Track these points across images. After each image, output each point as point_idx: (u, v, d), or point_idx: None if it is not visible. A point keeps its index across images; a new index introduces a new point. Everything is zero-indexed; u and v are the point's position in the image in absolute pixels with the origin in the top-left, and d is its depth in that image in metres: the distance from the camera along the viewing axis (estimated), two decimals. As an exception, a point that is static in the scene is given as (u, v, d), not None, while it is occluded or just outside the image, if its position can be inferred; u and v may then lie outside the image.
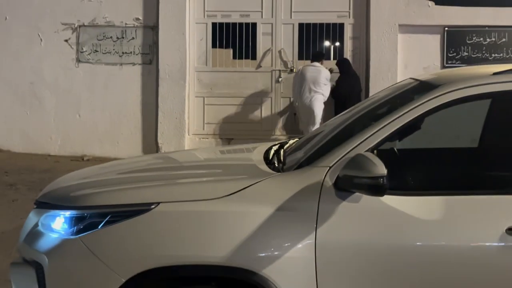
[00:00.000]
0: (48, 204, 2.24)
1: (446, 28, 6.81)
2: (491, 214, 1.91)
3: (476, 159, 2.77)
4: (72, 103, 6.99)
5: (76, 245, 2.00)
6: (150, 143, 6.95)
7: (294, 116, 6.63)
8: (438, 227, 1.89)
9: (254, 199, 1.95)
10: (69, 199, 2.15)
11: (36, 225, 2.23)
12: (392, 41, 6.78)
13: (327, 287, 1.91)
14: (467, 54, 6.88)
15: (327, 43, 7.43)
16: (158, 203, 1.93)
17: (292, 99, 6.85)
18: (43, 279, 2.05)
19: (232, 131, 7.07)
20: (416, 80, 2.48)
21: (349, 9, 6.98)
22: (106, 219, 1.99)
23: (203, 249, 1.89)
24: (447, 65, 6.82)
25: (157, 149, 6.85)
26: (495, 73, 2.07)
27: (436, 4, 6.83)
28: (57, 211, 2.13)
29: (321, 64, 6.64)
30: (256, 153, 2.51)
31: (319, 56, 6.82)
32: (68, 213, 2.09)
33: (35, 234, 2.21)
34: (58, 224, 2.12)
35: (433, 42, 6.87)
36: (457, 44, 6.86)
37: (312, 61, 6.69)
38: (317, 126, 6.43)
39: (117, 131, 7.02)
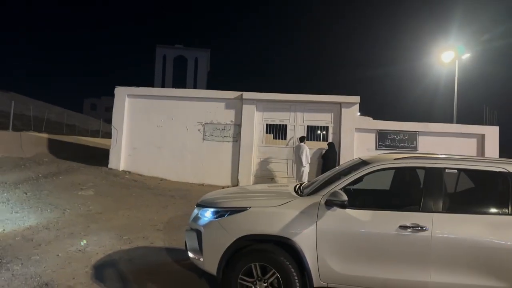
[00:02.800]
0: (203, 205, 3.55)
1: (378, 130, 10.72)
2: (391, 219, 3.00)
3: (387, 195, 4.02)
4: (199, 158, 11.21)
5: (216, 224, 3.26)
6: (234, 179, 10.99)
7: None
8: (369, 224, 2.99)
9: (291, 207, 3.13)
10: (213, 203, 3.50)
11: (197, 214, 3.52)
12: (352, 135, 10.75)
13: (321, 248, 2.99)
14: (388, 143, 10.79)
15: (320, 134, 11.42)
16: (250, 207, 3.19)
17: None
18: (201, 238, 3.26)
19: (274, 175, 11.09)
20: (360, 159, 3.79)
21: (331, 119, 11.10)
22: (228, 213, 3.25)
23: (269, 228, 3.06)
24: (378, 148, 10.68)
25: (237, 182, 10.73)
26: (395, 158, 3.30)
27: (373, 118, 11.04)
28: (207, 209, 3.45)
29: (304, 143, 9.67)
30: (290, 187, 3.90)
31: (302, 138, 9.87)
32: (212, 209, 3.39)
33: (197, 218, 3.48)
34: (208, 214, 3.39)
35: (371, 137, 10.81)
36: (383, 138, 10.77)
37: (299, 142, 9.83)
38: (302, 177, 9.37)
39: (220, 172, 11.04)
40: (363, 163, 3.54)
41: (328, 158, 10.13)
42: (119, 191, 8.84)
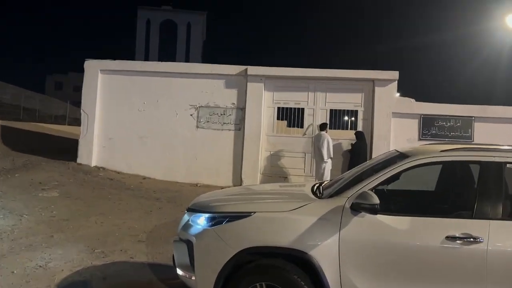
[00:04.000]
0: (195, 210, 3.63)
1: (422, 115, 10.94)
2: (437, 228, 3.04)
3: (431, 198, 4.12)
4: (193, 151, 11.43)
5: (211, 232, 3.30)
6: (237, 177, 11.23)
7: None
8: (407, 233, 3.06)
9: (307, 212, 3.18)
10: (208, 207, 3.55)
11: (188, 221, 3.58)
12: (388, 122, 10.90)
13: (344, 263, 3.02)
14: (435, 132, 10.97)
15: (347, 121, 11.45)
16: (255, 212, 3.25)
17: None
18: (192, 251, 3.34)
19: (286, 172, 11.33)
20: (398, 151, 3.85)
21: (361, 101, 11.31)
22: (227, 219, 3.30)
23: (279, 238, 3.12)
24: (422, 138, 10.85)
25: (241, 181, 10.98)
26: (442, 150, 3.35)
27: (416, 100, 11.15)
28: (201, 214, 3.52)
29: (326, 132, 9.87)
30: (307, 187, 3.97)
31: (323, 126, 10.03)
32: (207, 215, 3.45)
33: (187, 226, 3.54)
34: (201, 221, 3.45)
35: (413, 124, 10.98)
36: (429, 125, 10.96)
37: (320, 130, 9.99)
38: (324, 176, 9.47)
39: (218, 169, 11.25)
40: (401, 156, 3.60)
41: (356, 152, 10.27)
42: (91, 193, 8.93)
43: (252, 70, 11.40)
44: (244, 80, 11.43)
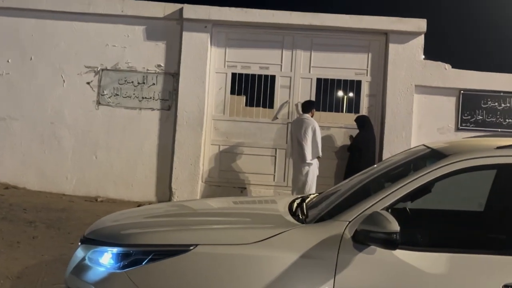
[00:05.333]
0: (95, 240, 3.48)
1: (462, 91, 10.06)
2: (490, 272, 3.01)
3: (481, 222, 4.11)
4: (90, 144, 10.22)
5: (122, 279, 3.18)
6: (164, 188, 10.12)
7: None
8: (443, 282, 2.98)
9: (281, 246, 3.13)
10: (117, 237, 3.38)
11: (83, 259, 3.45)
12: (408, 101, 9.97)
13: None
14: (481, 117, 10.09)
15: (344, 99, 10.43)
16: (196, 245, 3.14)
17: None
18: None
19: (245, 180, 10.30)
20: (428, 147, 3.89)
21: (367, 67, 10.37)
22: (150, 256, 3.20)
23: None
24: (461, 127, 10.10)
25: (170, 194, 10.05)
26: (498, 147, 3.32)
27: (452, 67, 10.10)
28: (104, 248, 3.37)
29: (312, 115, 9.36)
30: (281, 204, 3.97)
31: (308, 106, 9.48)
32: (115, 249, 3.30)
33: (82, 267, 3.42)
34: (106, 259, 3.32)
35: (448, 104, 10.12)
36: (472, 108, 10.09)
37: (302, 112, 9.46)
38: (306, 185, 9.12)
39: (132, 174, 10.21)
40: (434, 155, 3.65)
41: (358, 148, 9.90)
42: None
43: (191, 11, 10.53)
44: (177, 28, 10.70)
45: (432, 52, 14.69)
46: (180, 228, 3.60)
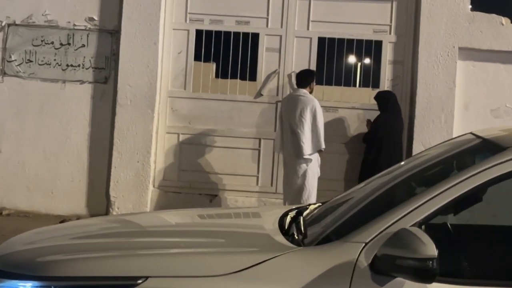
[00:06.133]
0: (1, 272, 3.22)
1: None
2: None
3: None
4: None
5: None
6: (99, 196, 9.28)
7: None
8: None
9: (270, 277, 2.89)
10: (32, 266, 3.15)
11: None
12: (449, 71, 9.12)
13: None
14: None
15: (357, 67, 9.41)
16: (147, 277, 2.90)
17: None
18: None
19: (216, 184, 9.49)
20: (478, 137, 3.73)
21: (391, 22, 9.47)
22: None
23: None
24: None
25: (108, 204, 9.19)
26: None
27: None
28: (15, 282, 3.12)
29: (311, 91, 8.97)
30: (267, 219, 3.88)
31: (306, 78, 9.06)
32: (29, 284, 3.06)
33: None
34: None
35: (507, 75, 9.26)
36: None
37: (297, 87, 9.03)
38: (305, 192, 8.71)
39: (53, 176, 9.30)
40: (486, 147, 3.49)
41: (378, 138, 9.27)
42: None
43: None
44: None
45: (482, 1, 14.20)
46: (123, 253, 3.36)
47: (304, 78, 9.04)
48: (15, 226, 8.29)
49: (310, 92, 8.94)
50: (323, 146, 8.85)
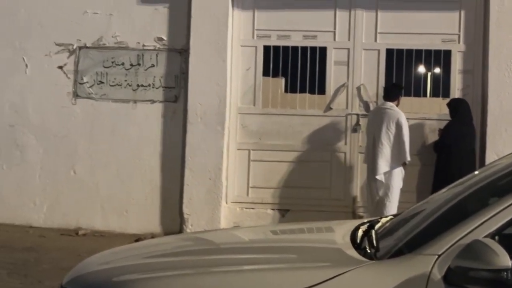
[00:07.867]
0: None
1: None
2: None
3: None
4: (65, 154, 9.45)
5: None
6: (173, 213, 9.41)
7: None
8: None
9: None
10: (108, 287, 3.25)
11: None
12: None
13: None
14: None
15: (427, 78, 9.59)
16: None
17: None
18: None
19: (288, 199, 9.54)
20: None
21: (459, 31, 9.47)
22: None
23: None
24: None
25: (181, 221, 9.30)
26: None
27: None
28: None
29: (397, 104, 9.07)
30: (339, 234, 3.90)
31: (394, 92, 9.19)
32: None
33: None
34: None
35: None
36: None
37: (384, 100, 9.14)
38: (389, 204, 8.76)
39: (127, 195, 9.44)
40: None
41: (447, 144, 9.29)
42: None
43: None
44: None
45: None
46: (198, 271, 3.43)
47: (392, 92, 9.19)
48: (90, 246, 8.42)
49: (397, 105, 9.07)
50: (408, 159, 8.97)
